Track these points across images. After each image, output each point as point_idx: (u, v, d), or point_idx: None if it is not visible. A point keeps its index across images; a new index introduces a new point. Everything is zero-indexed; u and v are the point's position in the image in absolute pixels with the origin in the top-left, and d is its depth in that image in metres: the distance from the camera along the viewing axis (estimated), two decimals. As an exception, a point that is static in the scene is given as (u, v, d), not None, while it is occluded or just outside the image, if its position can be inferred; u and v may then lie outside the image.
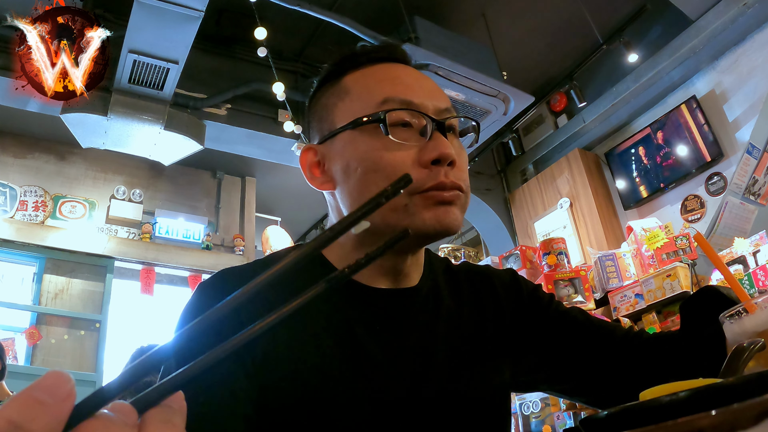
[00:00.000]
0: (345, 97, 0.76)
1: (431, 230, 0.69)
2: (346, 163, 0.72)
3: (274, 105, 4.13)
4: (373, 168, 0.70)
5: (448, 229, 0.70)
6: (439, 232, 0.70)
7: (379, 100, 0.72)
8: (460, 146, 0.75)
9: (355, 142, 0.72)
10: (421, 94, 0.73)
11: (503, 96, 3.86)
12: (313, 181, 0.78)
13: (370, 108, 0.72)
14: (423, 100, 0.72)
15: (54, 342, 4.25)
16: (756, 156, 3.04)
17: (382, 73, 0.76)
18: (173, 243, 4.96)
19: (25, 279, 4.51)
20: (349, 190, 0.73)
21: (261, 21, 3.44)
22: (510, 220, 5.13)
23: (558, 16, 4.15)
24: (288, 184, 5.64)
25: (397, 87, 0.73)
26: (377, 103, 0.72)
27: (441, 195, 0.69)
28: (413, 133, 0.71)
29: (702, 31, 3.69)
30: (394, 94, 0.72)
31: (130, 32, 3.27)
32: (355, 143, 0.72)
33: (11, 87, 3.28)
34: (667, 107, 4.17)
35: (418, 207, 0.69)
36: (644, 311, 2.53)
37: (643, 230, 2.74)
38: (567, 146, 4.75)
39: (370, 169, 0.70)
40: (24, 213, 4.50)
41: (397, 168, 0.69)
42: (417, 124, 0.71)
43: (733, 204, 2.94)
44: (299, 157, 0.80)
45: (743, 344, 0.57)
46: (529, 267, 2.93)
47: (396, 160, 0.69)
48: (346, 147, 0.73)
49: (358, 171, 0.71)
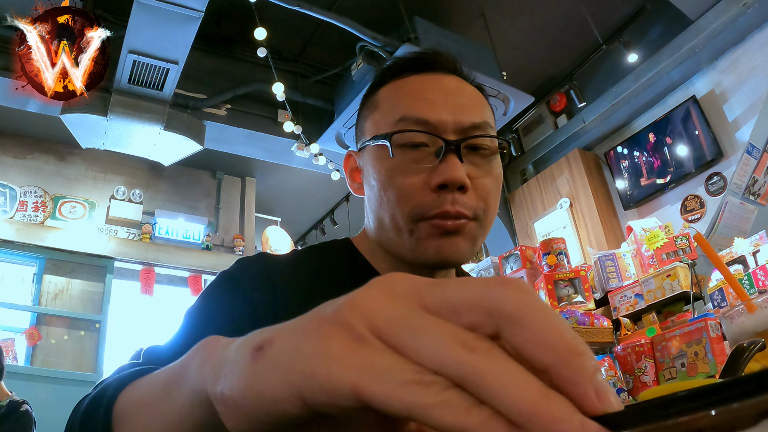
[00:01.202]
0: (374, 111, 0.76)
1: (430, 260, 0.69)
2: (368, 176, 0.74)
3: (273, 105, 4.13)
4: (385, 187, 0.70)
5: (447, 261, 0.69)
6: (439, 263, 0.69)
7: (396, 118, 0.70)
8: (487, 167, 0.71)
9: (376, 158, 0.72)
10: (443, 111, 0.69)
11: (503, 96, 3.87)
12: (351, 185, 0.80)
13: (388, 125, 0.71)
14: (443, 117, 0.69)
15: (54, 342, 4.25)
16: (756, 156, 3.04)
17: (409, 87, 0.74)
18: (173, 243, 4.96)
19: (25, 279, 4.51)
20: (370, 202, 0.74)
21: (261, 21, 3.44)
22: (510, 220, 5.13)
23: (558, 16, 4.15)
24: (288, 184, 5.64)
25: (418, 104, 0.70)
26: (394, 121, 0.70)
27: (444, 224, 0.67)
28: (428, 153, 0.68)
29: (702, 31, 3.69)
30: (412, 113, 0.70)
31: (130, 32, 3.27)
32: (376, 159, 0.72)
33: (11, 87, 3.28)
34: (666, 107, 4.17)
35: (422, 234, 0.68)
36: (644, 311, 2.53)
37: (643, 230, 2.74)
38: (567, 146, 4.75)
39: (382, 187, 0.70)
40: (24, 213, 4.50)
41: (405, 191, 0.68)
42: (433, 144, 0.69)
43: (732, 204, 2.94)
44: (344, 159, 0.82)
45: (743, 344, 0.57)
46: (529, 267, 2.93)
47: (404, 183, 0.68)
48: (370, 160, 0.74)
49: (375, 186, 0.72)
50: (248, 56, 4.17)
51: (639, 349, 2.19)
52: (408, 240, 0.69)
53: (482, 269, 3.27)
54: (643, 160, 4.28)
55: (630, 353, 2.21)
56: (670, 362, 2.08)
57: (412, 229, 0.68)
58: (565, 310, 2.44)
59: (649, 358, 2.16)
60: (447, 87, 0.73)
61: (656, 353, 2.16)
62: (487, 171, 0.71)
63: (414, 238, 0.68)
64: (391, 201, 0.69)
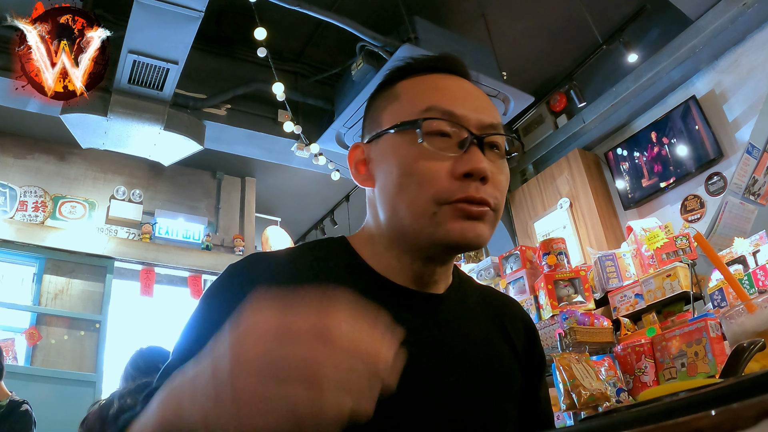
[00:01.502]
0: (394, 102, 0.78)
1: (453, 242, 0.71)
2: (385, 164, 0.75)
3: (273, 105, 4.13)
4: (407, 173, 0.71)
5: (470, 243, 0.71)
6: (461, 244, 0.71)
7: (423, 108, 0.73)
8: (501, 165, 0.75)
9: (396, 146, 0.74)
10: (466, 107, 0.73)
11: (503, 96, 3.86)
12: (356, 177, 0.81)
13: (414, 114, 0.73)
14: (466, 113, 0.73)
15: (54, 342, 4.25)
16: (756, 156, 3.04)
17: (432, 83, 0.77)
18: (173, 243, 4.96)
19: (25, 279, 4.51)
20: (385, 190, 0.75)
21: (261, 21, 3.44)
22: (510, 220, 5.13)
23: (558, 16, 4.15)
24: (288, 184, 5.64)
25: (444, 97, 0.74)
26: (420, 110, 0.73)
27: (469, 209, 0.70)
28: (452, 144, 0.72)
29: (702, 31, 3.69)
30: (438, 104, 0.73)
31: (130, 32, 3.27)
32: (396, 146, 0.74)
33: (11, 87, 3.28)
34: (666, 107, 4.17)
35: (445, 217, 0.70)
36: (644, 311, 2.52)
37: (643, 230, 2.74)
38: (567, 146, 4.75)
39: (404, 173, 0.72)
40: (24, 213, 4.50)
41: (429, 176, 0.70)
42: (456, 136, 0.72)
43: (732, 204, 2.94)
44: (348, 152, 0.82)
45: (743, 344, 0.57)
46: (529, 267, 2.92)
47: (429, 168, 0.70)
48: (387, 149, 0.75)
49: (394, 173, 0.73)
50: (248, 56, 4.17)
51: (639, 349, 2.19)
52: (429, 223, 0.70)
53: (482, 269, 3.26)
54: (643, 160, 4.28)
55: (630, 353, 2.21)
56: (670, 362, 2.08)
57: (435, 212, 0.70)
58: (565, 310, 2.44)
59: (649, 358, 2.16)
60: (467, 87, 0.78)
61: (656, 353, 2.16)
62: (501, 169, 0.75)
63: (435, 221, 0.70)
64: (413, 185, 0.71)
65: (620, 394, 2.13)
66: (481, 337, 0.79)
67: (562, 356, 2.10)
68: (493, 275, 3.19)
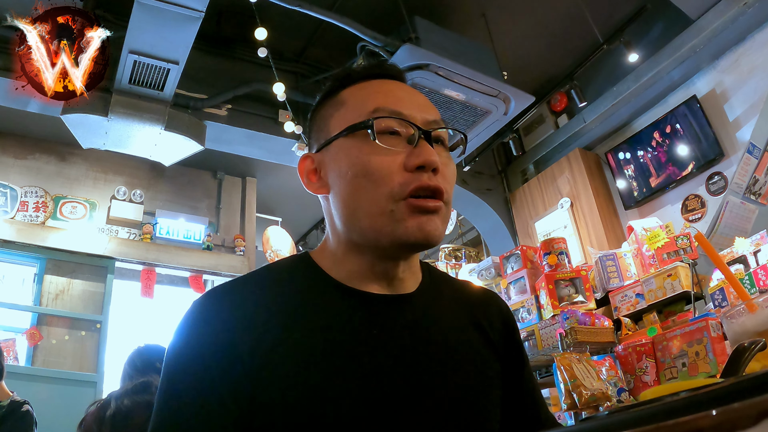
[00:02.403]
0: (340, 108, 0.80)
1: (412, 238, 0.72)
2: (338, 168, 0.77)
3: (274, 105, 4.13)
4: (363, 172, 0.74)
5: (429, 237, 0.73)
6: (420, 240, 0.73)
7: (371, 109, 0.76)
8: (447, 158, 0.79)
9: (347, 148, 0.76)
10: (411, 107, 0.77)
11: (504, 96, 3.86)
12: (309, 186, 0.83)
13: (362, 116, 0.76)
14: (412, 112, 0.77)
15: (55, 343, 4.25)
16: (757, 155, 3.04)
17: (376, 87, 0.81)
18: (174, 243, 4.96)
19: (25, 280, 4.51)
20: (341, 194, 0.77)
21: (261, 21, 3.44)
22: (511, 220, 5.13)
23: (558, 16, 4.15)
24: (289, 184, 5.64)
25: (389, 99, 0.78)
26: (368, 111, 0.76)
27: (425, 204, 0.72)
28: (401, 140, 0.75)
29: (702, 30, 3.68)
30: (385, 105, 0.76)
31: (130, 32, 3.27)
32: (347, 149, 0.76)
33: (11, 87, 3.28)
34: (667, 107, 4.17)
35: (402, 214, 0.72)
36: (645, 311, 2.52)
37: (644, 230, 2.74)
38: (567, 146, 4.75)
39: (359, 173, 0.74)
40: (24, 214, 4.50)
41: (384, 172, 0.73)
42: (405, 133, 0.76)
43: (733, 203, 2.94)
44: (298, 164, 0.85)
45: (744, 344, 0.57)
46: (530, 267, 2.92)
47: (383, 164, 0.73)
48: (339, 153, 0.77)
49: (348, 175, 0.75)
50: (249, 56, 4.17)
51: (640, 349, 2.19)
52: (387, 221, 0.72)
53: (483, 269, 3.26)
54: (644, 160, 4.28)
55: (631, 353, 2.21)
56: (671, 362, 2.08)
57: (393, 209, 0.72)
58: (566, 310, 2.44)
59: (650, 357, 2.16)
60: (408, 89, 0.83)
61: (657, 353, 2.16)
62: (447, 162, 0.78)
63: (394, 218, 0.72)
64: (369, 184, 0.73)
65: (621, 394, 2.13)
66: (452, 330, 0.80)
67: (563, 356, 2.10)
68: (494, 275, 3.18)
